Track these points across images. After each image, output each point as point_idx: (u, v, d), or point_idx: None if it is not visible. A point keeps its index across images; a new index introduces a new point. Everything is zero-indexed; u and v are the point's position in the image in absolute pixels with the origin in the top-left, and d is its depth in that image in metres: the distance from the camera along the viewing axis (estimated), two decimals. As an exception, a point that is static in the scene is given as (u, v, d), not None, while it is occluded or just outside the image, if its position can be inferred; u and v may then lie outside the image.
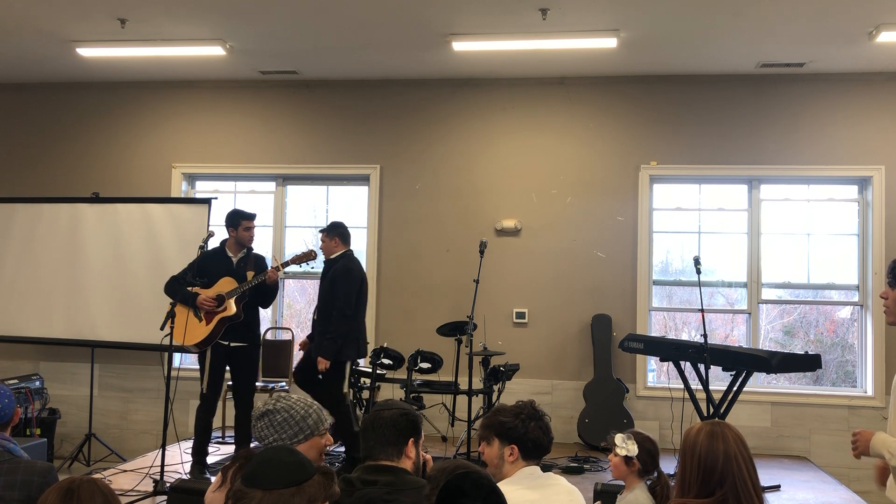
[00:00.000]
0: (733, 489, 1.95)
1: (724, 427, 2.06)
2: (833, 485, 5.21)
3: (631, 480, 2.92)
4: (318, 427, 2.34)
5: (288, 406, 2.31)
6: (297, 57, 6.17)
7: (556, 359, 6.37)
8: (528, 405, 2.58)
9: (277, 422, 2.28)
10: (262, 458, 1.68)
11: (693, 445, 2.03)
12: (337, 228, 5.30)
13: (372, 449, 2.28)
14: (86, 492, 1.85)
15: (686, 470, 2.02)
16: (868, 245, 6.19)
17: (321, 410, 2.38)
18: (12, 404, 2.70)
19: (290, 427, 2.28)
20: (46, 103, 7.08)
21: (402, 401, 2.48)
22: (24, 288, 6.54)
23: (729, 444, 2.01)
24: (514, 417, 2.53)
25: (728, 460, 1.98)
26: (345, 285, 5.08)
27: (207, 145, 6.89)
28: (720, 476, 1.96)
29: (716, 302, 6.47)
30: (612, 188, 6.43)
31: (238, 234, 5.08)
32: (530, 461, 2.52)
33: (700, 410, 5.20)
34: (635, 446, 2.89)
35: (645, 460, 2.91)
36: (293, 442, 2.27)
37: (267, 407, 2.31)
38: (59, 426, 6.43)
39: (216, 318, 4.91)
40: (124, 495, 4.45)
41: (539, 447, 2.54)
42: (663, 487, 2.88)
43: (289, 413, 2.29)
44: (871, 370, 6.07)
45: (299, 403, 2.34)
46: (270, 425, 2.28)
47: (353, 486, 2.17)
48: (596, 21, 5.22)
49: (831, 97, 6.23)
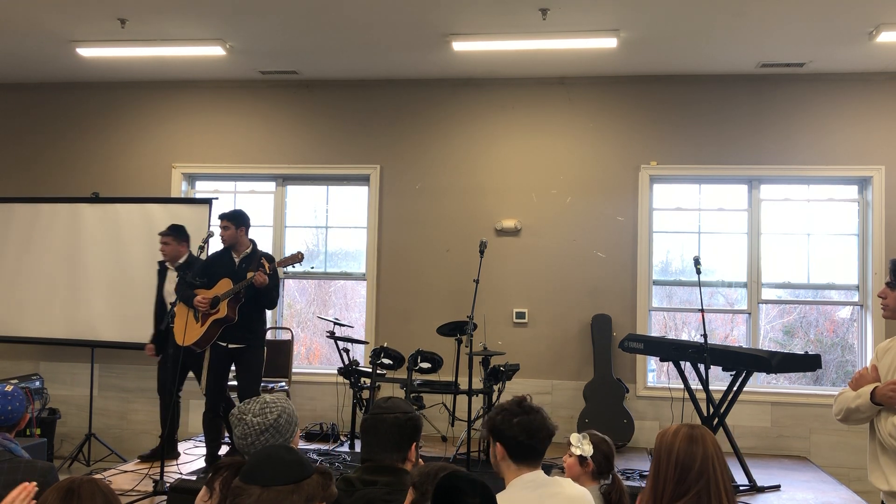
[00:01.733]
0: (706, 489, 1.98)
1: (703, 430, 2.08)
2: (833, 485, 5.21)
3: (584, 482, 2.85)
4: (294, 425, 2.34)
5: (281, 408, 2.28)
6: (297, 57, 6.17)
7: (556, 359, 6.37)
8: (516, 400, 2.36)
9: (281, 425, 2.27)
10: (261, 455, 1.69)
11: (671, 445, 2.04)
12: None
13: (373, 451, 2.27)
14: (86, 492, 1.85)
15: (661, 469, 2.03)
16: (868, 245, 6.19)
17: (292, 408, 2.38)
18: (23, 408, 2.76)
19: (290, 425, 2.29)
20: (46, 103, 7.08)
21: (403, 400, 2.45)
22: (24, 288, 6.54)
23: (707, 447, 2.03)
24: (498, 412, 2.33)
25: (706, 460, 2.00)
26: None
27: (207, 145, 6.89)
28: (696, 475, 1.98)
29: (716, 302, 6.47)
30: (612, 188, 6.43)
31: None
32: (522, 463, 2.30)
33: (700, 410, 5.20)
34: (590, 447, 2.87)
35: (599, 461, 2.90)
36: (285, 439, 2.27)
37: (268, 421, 2.23)
38: (59, 426, 6.43)
39: (209, 319, 4.89)
40: (124, 495, 4.44)
41: (523, 448, 2.27)
42: (618, 493, 2.85)
43: (287, 413, 2.29)
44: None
45: (280, 401, 2.31)
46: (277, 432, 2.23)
47: (353, 486, 2.18)
48: (596, 21, 5.22)
49: (831, 97, 6.23)
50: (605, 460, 2.91)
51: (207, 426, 5.04)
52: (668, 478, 2.01)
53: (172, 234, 5.52)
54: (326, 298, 7.14)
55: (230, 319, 4.87)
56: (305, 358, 7.09)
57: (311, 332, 7.14)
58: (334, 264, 6.92)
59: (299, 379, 6.54)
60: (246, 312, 4.94)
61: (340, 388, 6.23)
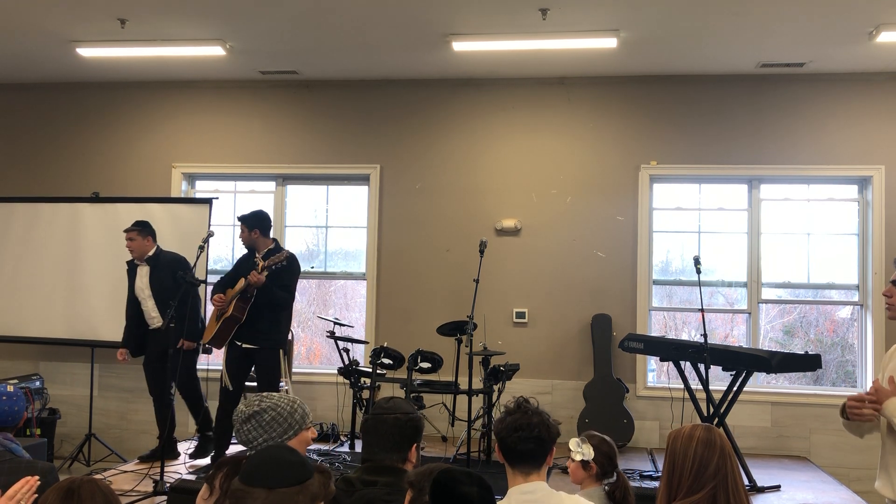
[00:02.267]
0: (724, 484, 2.04)
1: (717, 431, 2.15)
2: (833, 485, 5.21)
3: (588, 484, 2.83)
4: (304, 420, 2.35)
5: (274, 405, 2.31)
6: (297, 57, 6.17)
7: (556, 359, 6.37)
8: (517, 401, 2.25)
9: (266, 421, 2.27)
10: (262, 457, 1.68)
11: (688, 444, 2.09)
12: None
13: (374, 452, 2.27)
14: (86, 492, 1.85)
15: (676, 468, 2.09)
16: (868, 245, 6.19)
17: (304, 404, 2.39)
18: (23, 409, 2.77)
19: (279, 425, 2.28)
20: (46, 103, 7.08)
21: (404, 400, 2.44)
22: (24, 288, 6.54)
23: (725, 445, 2.10)
24: (501, 412, 2.22)
25: (723, 457, 2.07)
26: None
27: (207, 145, 6.89)
28: (714, 471, 2.05)
29: (716, 302, 6.47)
30: (612, 188, 6.43)
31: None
32: (516, 467, 2.15)
33: (700, 410, 5.20)
34: (591, 450, 2.82)
35: (602, 462, 2.86)
36: (283, 439, 2.27)
37: (252, 409, 2.29)
38: (59, 426, 6.43)
39: (222, 318, 4.97)
40: (124, 495, 4.44)
41: (514, 453, 2.12)
42: (623, 491, 2.82)
43: (276, 411, 2.29)
44: (871, 370, 6.07)
45: (283, 400, 2.34)
46: (259, 426, 2.27)
47: (353, 486, 2.18)
48: (596, 21, 5.22)
49: (831, 97, 6.23)
50: (608, 460, 2.88)
51: (218, 424, 5.05)
52: (685, 476, 2.07)
53: (137, 229, 5.48)
54: (326, 298, 7.14)
55: (236, 319, 4.92)
56: (306, 358, 7.09)
57: (311, 332, 7.14)
58: (334, 264, 6.92)
59: (299, 379, 6.54)
60: (256, 313, 4.95)
61: (340, 388, 6.24)
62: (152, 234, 5.57)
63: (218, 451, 5.05)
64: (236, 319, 4.92)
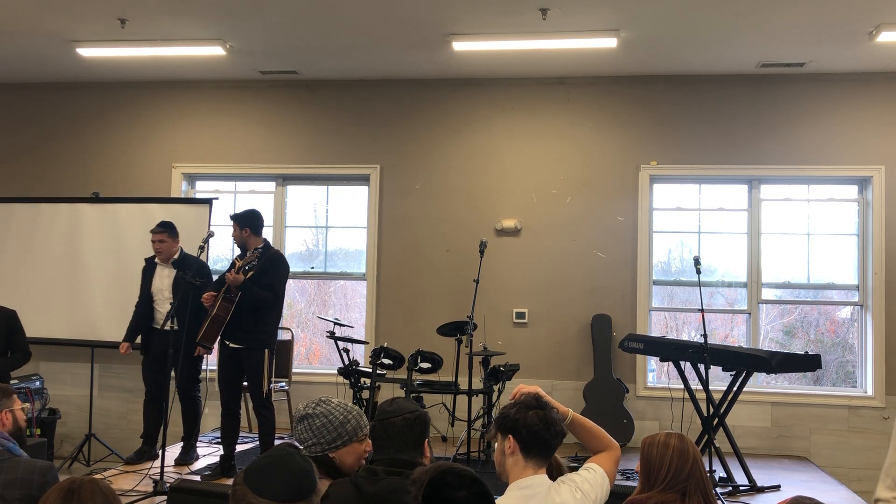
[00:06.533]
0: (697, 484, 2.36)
1: (687, 439, 2.47)
2: (833, 485, 5.21)
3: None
4: (356, 433, 2.34)
5: (327, 411, 2.33)
6: (297, 57, 6.17)
7: (556, 359, 6.37)
8: (531, 396, 2.37)
9: (316, 426, 2.30)
10: (271, 460, 1.66)
11: (664, 452, 2.40)
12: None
13: (390, 453, 2.27)
14: (87, 492, 1.85)
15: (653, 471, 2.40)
16: (868, 245, 6.19)
17: (361, 416, 2.38)
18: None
19: (328, 432, 2.30)
20: (46, 103, 7.08)
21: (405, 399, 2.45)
22: (24, 288, 6.53)
23: (696, 453, 2.42)
24: (512, 406, 2.31)
25: (695, 464, 2.39)
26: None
27: (207, 145, 6.89)
28: (688, 474, 2.36)
29: (716, 302, 6.47)
30: (612, 188, 6.43)
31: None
32: (531, 459, 2.21)
33: (700, 410, 5.20)
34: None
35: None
36: (331, 447, 2.29)
37: (306, 411, 2.33)
38: (59, 426, 6.42)
39: (209, 317, 4.93)
40: (124, 495, 4.44)
41: (537, 439, 2.22)
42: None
43: (327, 418, 2.31)
44: (871, 370, 6.07)
45: (339, 408, 2.35)
46: (310, 429, 2.31)
47: (377, 476, 2.18)
48: (596, 21, 5.22)
49: (831, 97, 6.24)
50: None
51: (221, 424, 5.05)
52: (660, 477, 2.38)
53: (167, 231, 5.44)
54: (326, 298, 7.14)
55: (219, 318, 4.87)
56: (305, 358, 7.09)
57: (311, 332, 7.14)
58: (334, 264, 6.92)
59: (299, 379, 6.55)
60: (243, 313, 4.89)
61: (340, 389, 6.23)
62: (178, 236, 5.55)
63: (226, 450, 5.03)
64: (221, 319, 4.88)
